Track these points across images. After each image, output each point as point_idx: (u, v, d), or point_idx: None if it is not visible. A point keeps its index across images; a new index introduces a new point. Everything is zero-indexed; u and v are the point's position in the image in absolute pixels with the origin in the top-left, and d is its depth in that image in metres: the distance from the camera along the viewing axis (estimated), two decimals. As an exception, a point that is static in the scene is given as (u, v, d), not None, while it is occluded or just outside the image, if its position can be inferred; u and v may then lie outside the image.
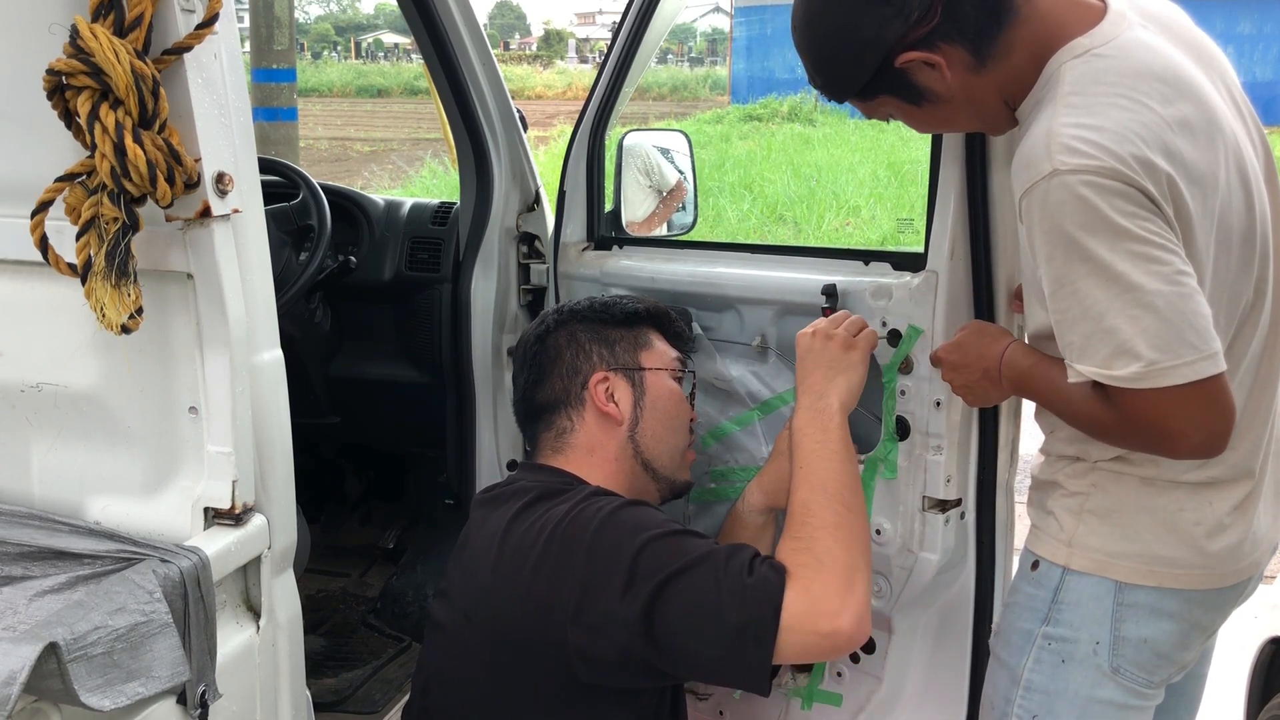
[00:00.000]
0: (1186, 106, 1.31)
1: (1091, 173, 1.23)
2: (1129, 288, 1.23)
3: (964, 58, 1.38)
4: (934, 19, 1.35)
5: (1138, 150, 1.24)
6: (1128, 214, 1.23)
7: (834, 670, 2.01)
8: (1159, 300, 1.22)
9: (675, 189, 2.50)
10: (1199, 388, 1.24)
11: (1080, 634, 1.46)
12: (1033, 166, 1.28)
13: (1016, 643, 1.52)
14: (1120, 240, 1.23)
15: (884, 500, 1.87)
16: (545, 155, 12.38)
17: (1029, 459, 1.71)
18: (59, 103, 1.15)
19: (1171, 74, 1.33)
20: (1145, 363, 1.23)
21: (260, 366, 1.33)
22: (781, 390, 2.00)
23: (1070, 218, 1.25)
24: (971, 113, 1.47)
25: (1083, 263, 1.25)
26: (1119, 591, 1.44)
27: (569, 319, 1.84)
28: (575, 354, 1.80)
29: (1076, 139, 1.26)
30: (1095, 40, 1.35)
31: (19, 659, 0.99)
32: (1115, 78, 1.31)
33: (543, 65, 43.08)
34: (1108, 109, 1.28)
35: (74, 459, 1.36)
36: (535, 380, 1.81)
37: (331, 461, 3.07)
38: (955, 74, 1.39)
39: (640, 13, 2.07)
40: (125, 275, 1.16)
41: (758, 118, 20.57)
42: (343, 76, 35.53)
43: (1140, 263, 1.23)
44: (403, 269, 2.57)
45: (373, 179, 13.67)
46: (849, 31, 1.39)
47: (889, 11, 1.35)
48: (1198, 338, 1.23)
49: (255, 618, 1.37)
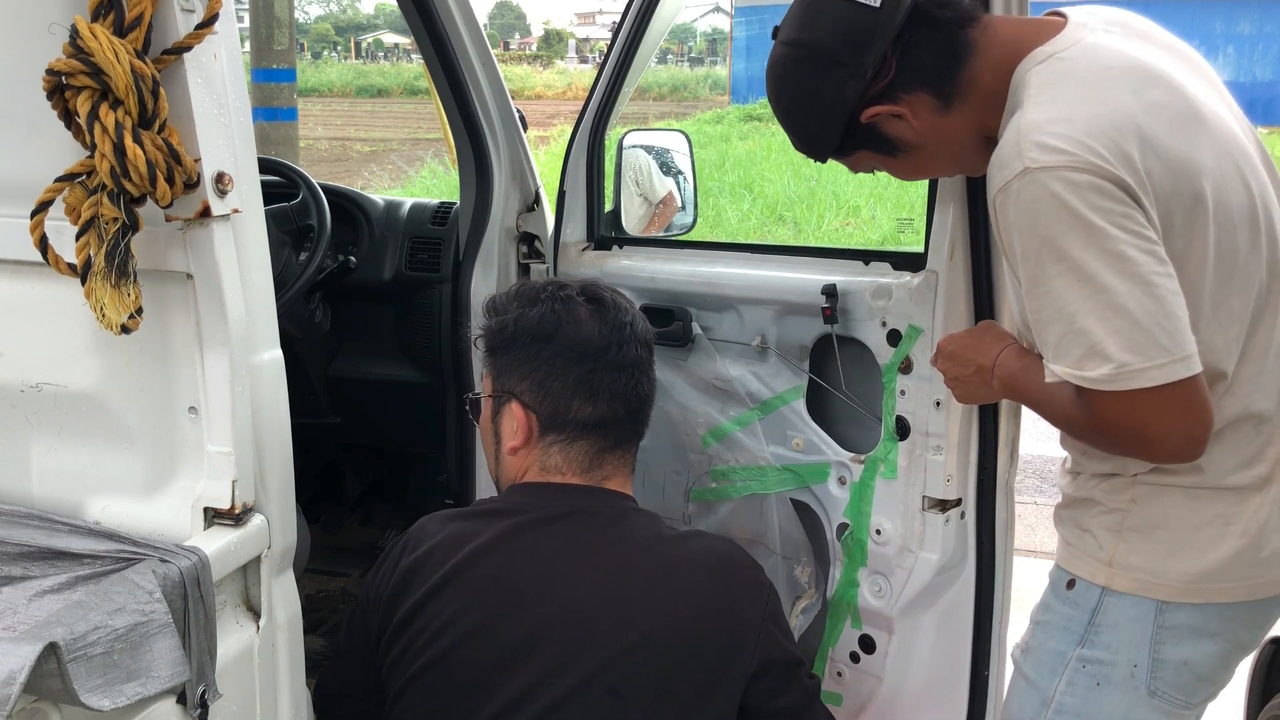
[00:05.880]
0: (1159, 93, 1.30)
1: (1064, 168, 1.22)
2: (1101, 289, 1.22)
3: (928, 102, 1.39)
4: (890, 73, 1.38)
5: (1111, 140, 1.23)
6: (1102, 210, 1.21)
7: (834, 670, 2.01)
8: (1131, 302, 1.21)
9: (666, 199, 2.50)
10: (1173, 390, 1.22)
11: (1118, 656, 1.42)
12: (1005, 166, 1.27)
13: (1048, 663, 1.48)
14: (1094, 239, 1.21)
15: (884, 500, 1.87)
16: (545, 155, 12.38)
17: (1029, 459, 1.70)
18: (59, 103, 1.15)
19: (1140, 66, 1.33)
20: (1116, 364, 1.22)
21: (260, 366, 1.33)
22: (781, 390, 2.00)
23: (1044, 216, 1.24)
24: (948, 154, 1.49)
25: (1056, 262, 1.24)
26: (1160, 612, 1.40)
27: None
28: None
29: (1048, 134, 1.25)
30: (1058, 46, 1.35)
31: (19, 659, 0.98)
32: (1082, 74, 1.31)
33: (543, 65, 43.10)
34: (1077, 103, 1.28)
35: (74, 459, 1.35)
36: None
37: (331, 461, 3.07)
38: (923, 120, 1.41)
39: (640, 13, 2.07)
40: (125, 275, 1.16)
41: (758, 118, 20.55)
42: (343, 76, 35.55)
43: (1114, 262, 1.21)
44: (403, 269, 2.57)
45: (373, 179, 13.67)
46: (811, 97, 1.44)
47: (844, 73, 1.38)
48: (1170, 340, 1.21)
49: (255, 618, 1.36)
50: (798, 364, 2.00)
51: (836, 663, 2.01)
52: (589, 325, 1.64)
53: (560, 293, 1.68)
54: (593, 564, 1.54)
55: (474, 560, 1.55)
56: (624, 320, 1.67)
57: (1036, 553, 4.04)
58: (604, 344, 1.63)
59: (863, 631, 1.96)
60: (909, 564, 1.85)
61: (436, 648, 1.51)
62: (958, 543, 1.82)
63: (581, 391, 1.62)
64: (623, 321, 1.67)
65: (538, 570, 1.53)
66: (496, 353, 1.68)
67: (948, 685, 1.90)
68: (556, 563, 1.54)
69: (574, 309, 1.65)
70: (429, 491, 2.79)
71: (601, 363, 1.62)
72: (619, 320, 1.67)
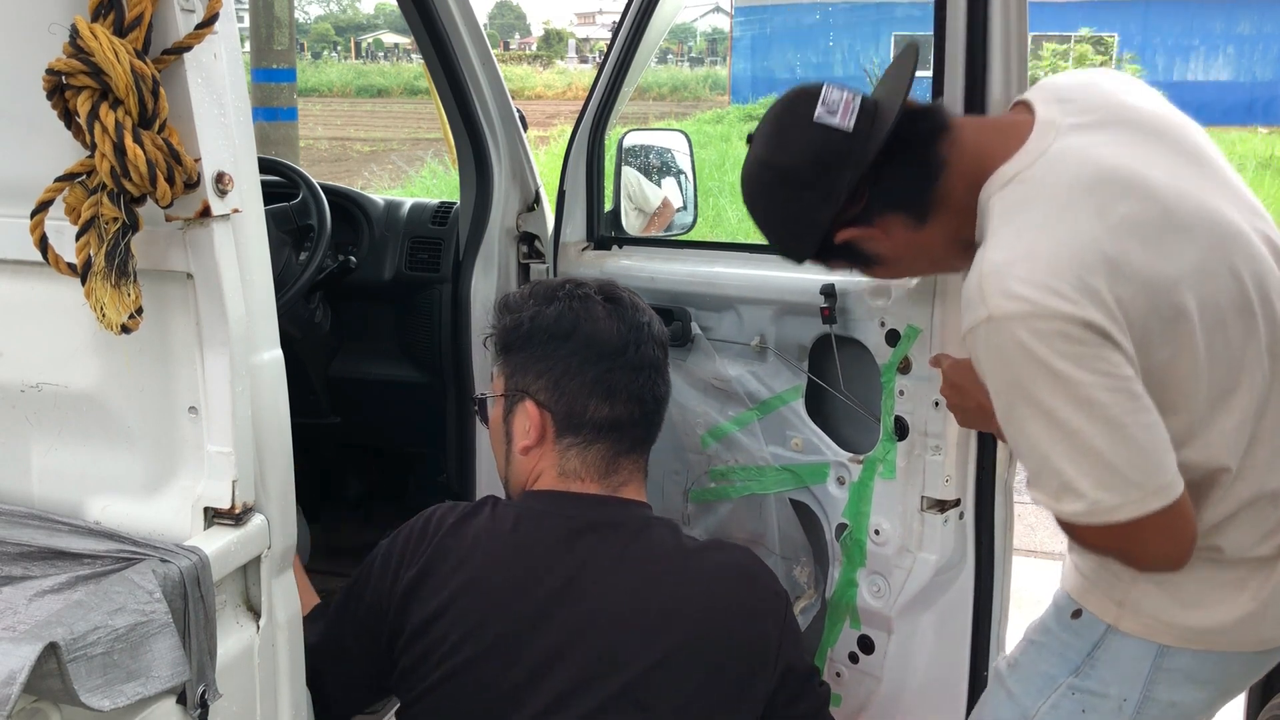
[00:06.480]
0: (1131, 204, 1.27)
1: (1029, 316, 1.21)
2: (1071, 433, 1.22)
3: (903, 221, 1.40)
4: (863, 199, 1.39)
5: (1076, 277, 1.22)
6: (1069, 356, 1.21)
7: (833, 670, 2.01)
8: (1101, 443, 1.21)
9: (662, 205, 2.50)
10: (1149, 520, 1.23)
11: (1110, 690, 1.43)
12: (971, 308, 1.28)
13: (1036, 684, 1.49)
14: (1062, 385, 1.21)
15: (883, 500, 1.87)
16: (545, 155, 12.37)
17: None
18: (59, 103, 1.15)
19: (1109, 175, 1.29)
20: (1090, 502, 1.23)
21: (260, 366, 1.33)
22: (780, 390, 2.00)
23: (1012, 363, 1.24)
24: (926, 262, 1.52)
25: (1026, 405, 1.25)
26: (1160, 655, 1.40)
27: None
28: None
29: (1011, 278, 1.23)
30: (1021, 163, 1.33)
31: (19, 659, 0.98)
32: (1044, 200, 1.29)
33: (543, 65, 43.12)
34: (1039, 236, 1.26)
35: (74, 459, 1.35)
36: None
37: (331, 461, 3.07)
38: (897, 237, 1.41)
39: (640, 13, 2.08)
40: (125, 275, 1.16)
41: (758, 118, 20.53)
42: (343, 76, 35.56)
43: (1083, 407, 1.21)
44: (403, 269, 2.57)
45: (373, 179, 13.66)
46: (783, 217, 1.49)
47: (815, 196, 1.39)
48: (1143, 476, 1.22)
49: (255, 617, 1.36)
50: (796, 364, 2.00)
51: (835, 663, 2.01)
52: (607, 324, 1.62)
53: (578, 291, 1.66)
54: (620, 580, 1.53)
55: (495, 569, 1.53)
56: (642, 320, 1.66)
57: (1036, 553, 4.05)
58: (622, 343, 1.62)
59: (861, 632, 1.96)
60: (908, 564, 1.85)
61: (457, 659, 1.49)
62: (956, 543, 1.83)
63: (599, 391, 1.60)
64: (640, 321, 1.66)
65: (565, 585, 1.51)
66: (511, 350, 1.66)
67: (946, 685, 1.90)
68: (584, 577, 1.52)
69: (592, 307, 1.63)
70: (429, 491, 2.78)
71: (619, 362, 1.61)
72: (637, 320, 1.65)
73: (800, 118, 1.42)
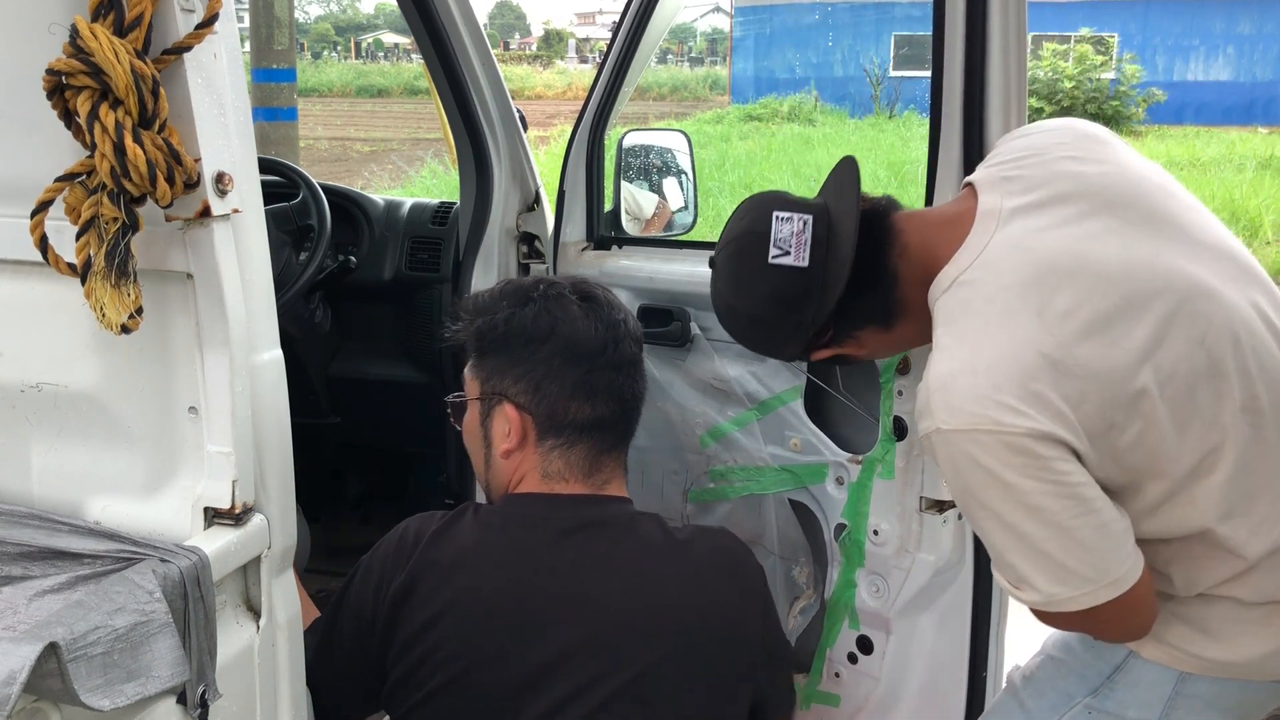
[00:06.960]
0: (1073, 295, 1.26)
1: (973, 430, 1.24)
2: (1022, 535, 1.26)
3: (872, 330, 1.48)
4: (829, 330, 1.48)
5: (1019, 385, 1.22)
6: (1015, 467, 1.23)
7: (832, 671, 2.01)
8: (1051, 546, 1.25)
9: (659, 210, 2.50)
10: (1104, 608, 1.27)
11: (1127, 712, 1.43)
12: (922, 417, 1.31)
13: (1051, 700, 1.50)
14: (1010, 494, 1.24)
15: (881, 501, 1.87)
16: (545, 155, 12.37)
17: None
18: (59, 103, 1.15)
19: (1048, 268, 1.28)
20: (1045, 595, 1.28)
21: (260, 366, 1.33)
22: (779, 390, 2.00)
23: (961, 473, 1.27)
24: (906, 346, 1.62)
25: (979, 509, 1.29)
26: (1181, 680, 1.40)
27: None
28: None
29: (955, 392, 1.25)
30: (961, 264, 1.34)
31: (19, 659, 0.99)
32: (982, 303, 1.30)
33: (543, 65, 43.11)
34: (980, 343, 1.27)
35: (74, 459, 1.36)
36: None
37: (331, 461, 3.07)
38: (870, 340, 1.50)
39: (640, 13, 2.08)
40: (125, 275, 1.16)
41: (758, 118, 20.59)
42: (343, 76, 35.56)
43: (1032, 513, 1.24)
44: (403, 269, 2.57)
45: (373, 179, 13.66)
46: (765, 347, 1.67)
47: (785, 332, 1.51)
48: (1095, 571, 1.25)
49: (255, 618, 1.36)
50: (795, 364, 2.00)
51: (834, 663, 2.01)
52: (584, 324, 1.62)
53: (551, 290, 1.65)
54: (614, 577, 1.53)
55: (488, 576, 1.52)
56: (618, 318, 1.66)
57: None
58: (601, 343, 1.61)
59: (860, 632, 1.96)
60: (907, 564, 1.85)
61: (454, 667, 1.48)
62: (955, 543, 1.83)
63: (581, 392, 1.59)
64: (617, 319, 1.66)
65: (560, 588, 1.51)
66: (485, 353, 1.64)
67: (945, 686, 1.90)
68: (579, 578, 1.52)
69: (568, 307, 1.63)
70: (429, 491, 2.79)
71: (599, 362, 1.61)
72: (613, 318, 1.65)
73: (755, 261, 1.47)
